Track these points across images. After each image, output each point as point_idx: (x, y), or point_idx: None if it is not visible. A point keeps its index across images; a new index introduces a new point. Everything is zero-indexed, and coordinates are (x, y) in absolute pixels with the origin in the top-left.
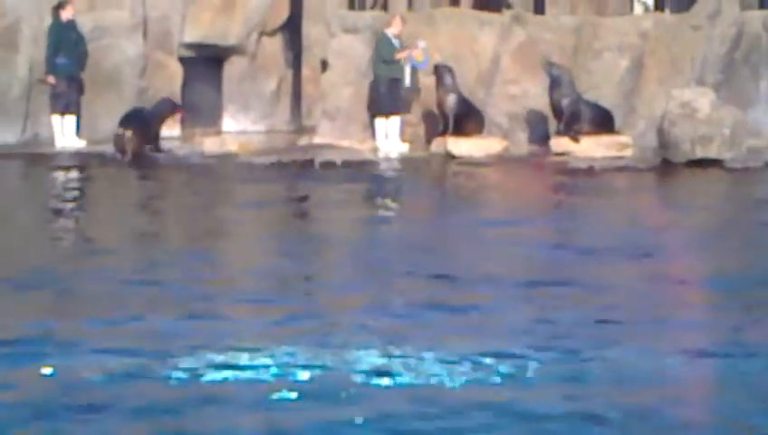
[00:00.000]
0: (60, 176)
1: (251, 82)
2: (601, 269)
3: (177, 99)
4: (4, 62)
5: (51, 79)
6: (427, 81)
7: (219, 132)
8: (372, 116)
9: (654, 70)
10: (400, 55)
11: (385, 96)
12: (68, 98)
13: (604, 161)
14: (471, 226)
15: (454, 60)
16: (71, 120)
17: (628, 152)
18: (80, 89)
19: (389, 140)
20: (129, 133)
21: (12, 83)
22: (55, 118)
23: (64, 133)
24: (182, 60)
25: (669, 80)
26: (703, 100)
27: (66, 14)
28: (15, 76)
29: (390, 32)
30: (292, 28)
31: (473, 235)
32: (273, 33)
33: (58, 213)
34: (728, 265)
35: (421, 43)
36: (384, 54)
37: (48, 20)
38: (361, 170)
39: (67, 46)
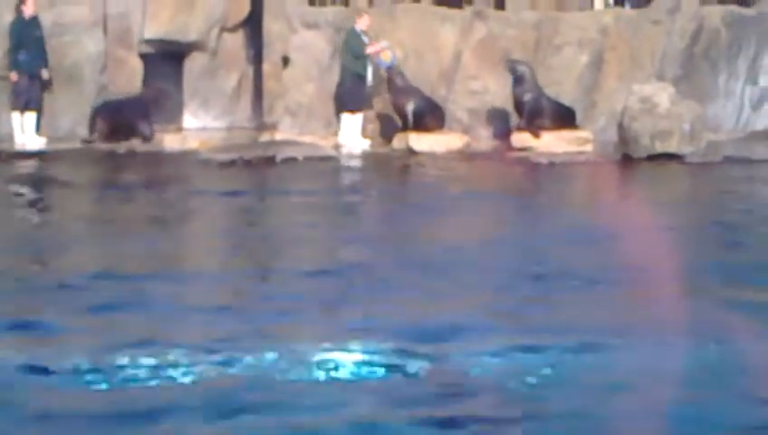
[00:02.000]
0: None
1: (212, 78)
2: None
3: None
4: None
5: (13, 76)
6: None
7: (180, 129)
8: (337, 112)
9: (614, 65)
10: (369, 51)
11: (351, 92)
12: (29, 95)
13: (565, 156)
14: (430, 220)
15: (415, 55)
16: (30, 117)
17: (589, 147)
18: (42, 86)
19: (352, 135)
20: (99, 118)
21: None
22: (15, 115)
23: (24, 131)
24: (142, 56)
25: (629, 75)
26: (662, 94)
27: (28, 11)
28: None
29: (358, 27)
30: (252, 24)
31: (433, 228)
32: (233, 29)
33: None
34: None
35: (384, 43)
36: (354, 49)
37: (8, 16)
38: (323, 166)
39: (29, 43)
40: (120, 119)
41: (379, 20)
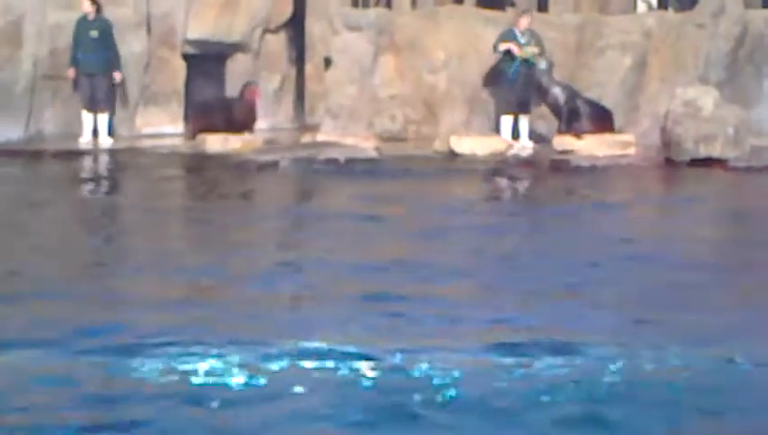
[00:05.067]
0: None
1: (254, 79)
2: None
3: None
4: (8, 59)
5: (70, 72)
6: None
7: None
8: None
9: (657, 68)
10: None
11: (504, 93)
12: (92, 95)
13: (607, 160)
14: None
15: (457, 58)
16: (103, 118)
17: (632, 151)
18: (107, 87)
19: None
20: (192, 115)
21: (16, 79)
22: (83, 113)
23: (99, 132)
24: (186, 57)
25: (673, 78)
26: (706, 98)
27: (85, 9)
28: (20, 72)
29: (517, 29)
30: (295, 25)
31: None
32: (276, 31)
33: None
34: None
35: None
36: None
37: (52, 16)
38: (364, 168)
39: (84, 42)
40: (212, 117)
41: (422, 22)
